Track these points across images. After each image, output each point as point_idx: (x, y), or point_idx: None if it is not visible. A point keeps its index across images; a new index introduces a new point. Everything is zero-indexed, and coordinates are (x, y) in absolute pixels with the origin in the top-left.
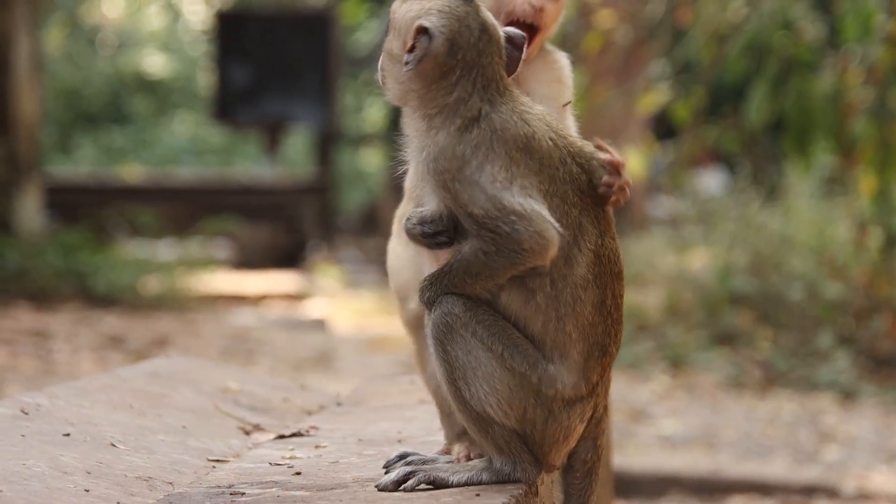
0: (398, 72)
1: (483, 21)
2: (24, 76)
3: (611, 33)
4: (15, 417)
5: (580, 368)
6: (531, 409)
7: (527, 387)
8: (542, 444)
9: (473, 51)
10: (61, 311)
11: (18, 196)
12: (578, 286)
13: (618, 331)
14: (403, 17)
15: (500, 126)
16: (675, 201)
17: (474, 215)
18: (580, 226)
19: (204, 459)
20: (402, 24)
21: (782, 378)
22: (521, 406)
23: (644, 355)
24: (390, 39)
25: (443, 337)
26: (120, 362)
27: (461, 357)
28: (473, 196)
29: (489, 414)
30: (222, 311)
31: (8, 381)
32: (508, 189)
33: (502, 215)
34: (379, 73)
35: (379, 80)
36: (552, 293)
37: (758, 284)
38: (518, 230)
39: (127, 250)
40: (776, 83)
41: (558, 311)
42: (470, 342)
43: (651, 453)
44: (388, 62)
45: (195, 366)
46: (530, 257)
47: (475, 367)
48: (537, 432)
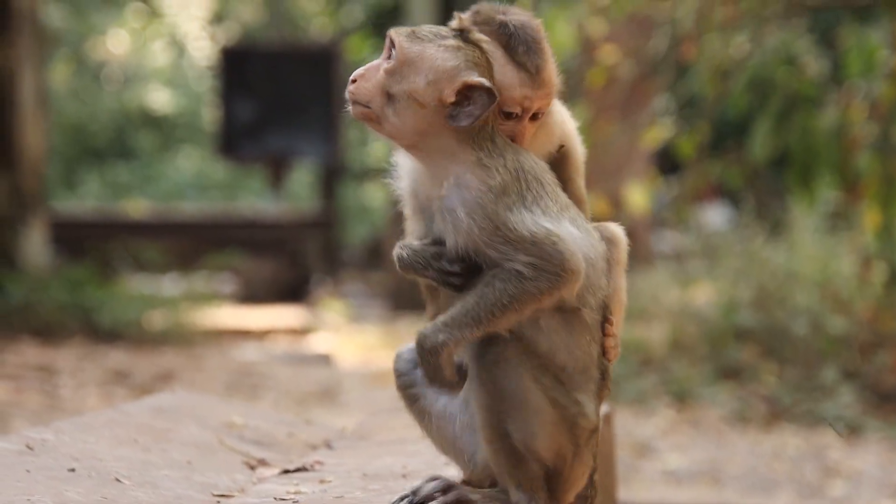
0: (424, 117)
1: (490, 62)
2: (29, 111)
3: (614, 69)
4: (20, 453)
5: (594, 398)
6: (565, 443)
7: (566, 421)
8: (567, 479)
9: (492, 96)
10: (66, 346)
11: (23, 231)
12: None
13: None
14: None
15: (511, 157)
16: (679, 236)
17: (517, 239)
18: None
19: (209, 494)
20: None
21: (787, 413)
22: (559, 441)
23: (648, 390)
24: (408, 81)
25: (493, 367)
26: (125, 397)
27: (510, 388)
28: (518, 219)
29: (532, 448)
30: (227, 346)
31: (13, 416)
32: (547, 214)
33: (547, 235)
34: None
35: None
36: (572, 319)
37: (762, 319)
38: (562, 251)
39: (132, 285)
40: (780, 118)
41: (578, 339)
42: (521, 374)
43: (656, 488)
44: (405, 106)
45: (200, 401)
46: (568, 281)
47: (525, 400)
48: (566, 468)
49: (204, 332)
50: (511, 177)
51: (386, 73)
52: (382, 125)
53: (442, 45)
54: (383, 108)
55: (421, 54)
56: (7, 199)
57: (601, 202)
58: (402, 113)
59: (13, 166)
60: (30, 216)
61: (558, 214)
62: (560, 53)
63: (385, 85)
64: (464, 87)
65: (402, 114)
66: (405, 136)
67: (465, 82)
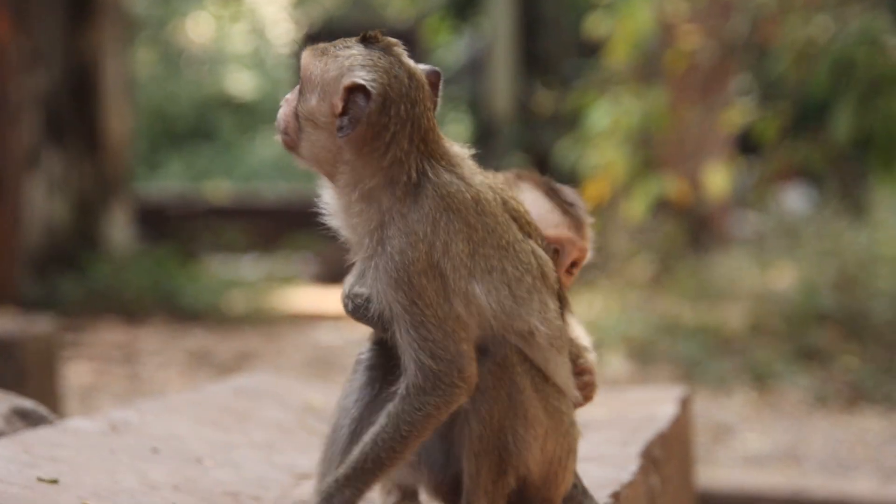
0: (323, 139)
1: (409, 68)
2: (113, 97)
3: (694, 52)
4: (104, 433)
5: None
6: (557, 451)
7: (561, 427)
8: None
9: (406, 102)
10: (148, 328)
11: (107, 214)
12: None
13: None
14: (323, 76)
15: (447, 191)
16: (760, 218)
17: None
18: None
19: (289, 474)
20: (324, 83)
21: (868, 395)
22: (552, 450)
23: (727, 372)
24: (307, 102)
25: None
26: (206, 378)
27: (516, 400)
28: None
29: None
30: (306, 328)
31: (97, 396)
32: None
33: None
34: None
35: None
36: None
37: (843, 301)
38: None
39: (212, 267)
40: (862, 100)
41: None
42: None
43: (735, 471)
44: (307, 128)
45: (280, 382)
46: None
47: (525, 410)
48: (559, 477)
49: (283, 314)
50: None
51: (296, 95)
52: (299, 153)
53: (337, 54)
54: (296, 133)
55: (314, 69)
56: (92, 183)
57: (681, 184)
58: (307, 137)
59: (98, 151)
60: (114, 200)
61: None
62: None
63: (295, 108)
64: (347, 92)
65: (307, 138)
66: (317, 163)
67: (345, 86)
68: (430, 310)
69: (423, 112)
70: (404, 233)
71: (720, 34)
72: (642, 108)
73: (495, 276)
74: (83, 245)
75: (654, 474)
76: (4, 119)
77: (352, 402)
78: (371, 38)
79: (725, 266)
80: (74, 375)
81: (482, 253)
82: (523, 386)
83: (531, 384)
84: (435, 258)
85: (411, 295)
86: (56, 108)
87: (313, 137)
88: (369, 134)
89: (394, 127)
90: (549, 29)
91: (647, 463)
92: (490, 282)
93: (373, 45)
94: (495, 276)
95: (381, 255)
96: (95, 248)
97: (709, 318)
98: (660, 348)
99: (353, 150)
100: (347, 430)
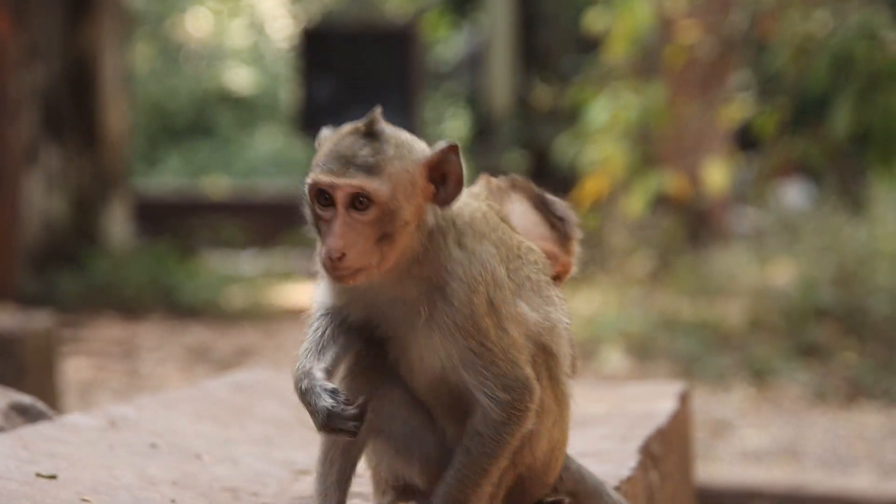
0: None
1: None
2: (111, 92)
3: (693, 48)
4: (103, 429)
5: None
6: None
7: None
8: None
9: None
10: (147, 323)
11: (106, 209)
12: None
13: None
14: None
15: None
16: (759, 213)
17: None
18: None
19: (288, 470)
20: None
21: (868, 391)
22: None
23: (726, 368)
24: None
25: None
26: (204, 374)
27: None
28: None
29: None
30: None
31: (96, 392)
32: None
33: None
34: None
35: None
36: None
37: (842, 297)
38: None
39: (211, 263)
40: (861, 95)
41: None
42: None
43: (734, 467)
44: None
45: (278, 378)
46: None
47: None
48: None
49: (282, 310)
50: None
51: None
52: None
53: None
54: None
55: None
56: (91, 179)
57: (680, 180)
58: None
59: (97, 146)
60: (112, 195)
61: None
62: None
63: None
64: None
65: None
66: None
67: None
68: (496, 346)
69: None
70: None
71: (719, 29)
72: (641, 104)
73: (527, 287)
74: (82, 241)
75: (653, 470)
76: (3, 115)
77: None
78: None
79: (724, 262)
80: (73, 371)
81: (511, 268)
82: (544, 384)
83: (547, 374)
84: (490, 293)
85: (479, 338)
86: (54, 104)
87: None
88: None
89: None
90: (548, 24)
91: (646, 459)
92: (527, 296)
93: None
94: (527, 287)
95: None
96: (94, 244)
97: (708, 314)
98: (659, 344)
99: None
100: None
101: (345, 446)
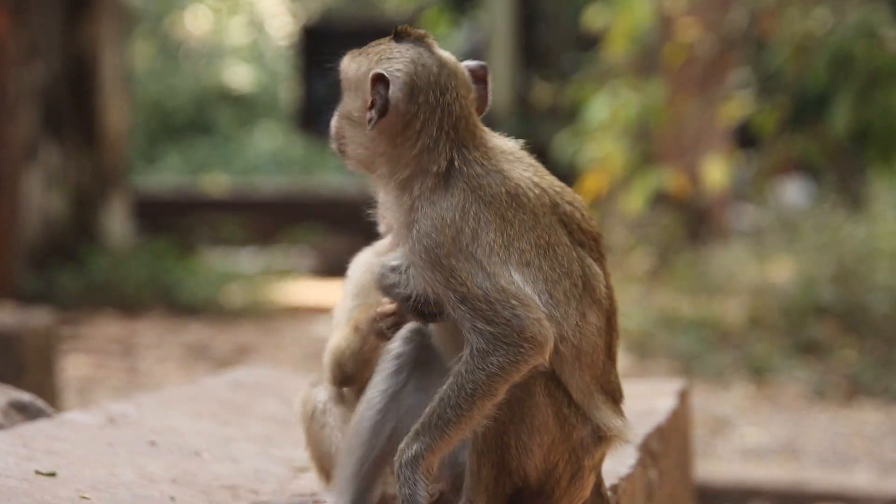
0: (361, 136)
1: (440, 58)
2: (111, 90)
3: (692, 46)
4: (102, 426)
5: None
6: (562, 465)
7: (569, 441)
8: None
9: (435, 90)
10: (146, 321)
11: (105, 207)
12: (594, 333)
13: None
14: (356, 74)
15: (477, 184)
16: (758, 211)
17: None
18: (588, 270)
19: (287, 468)
20: (356, 81)
21: (867, 389)
22: (554, 461)
23: (726, 366)
24: (346, 103)
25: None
26: (204, 371)
27: (525, 401)
28: (471, 273)
29: (523, 463)
30: (304, 321)
31: (95, 389)
32: (507, 264)
33: (502, 298)
34: (335, 142)
35: (336, 150)
36: (575, 342)
37: (841, 295)
38: (519, 315)
39: (211, 260)
40: (861, 94)
41: (580, 361)
42: (535, 384)
43: (734, 464)
44: (348, 128)
45: (278, 376)
46: (531, 350)
47: (532, 415)
48: (557, 490)
49: (281, 308)
50: (465, 212)
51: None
52: (345, 156)
53: (368, 52)
54: (342, 136)
55: (349, 70)
56: (90, 177)
57: (679, 178)
58: (349, 137)
59: (96, 144)
60: (112, 193)
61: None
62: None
63: (340, 112)
64: (372, 84)
65: (349, 138)
66: (359, 161)
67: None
68: (466, 286)
69: (455, 100)
70: (431, 217)
71: (719, 27)
72: (641, 102)
73: (532, 270)
74: (81, 238)
75: (652, 467)
76: (2, 112)
77: (377, 393)
78: (402, 33)
79: (724, 259)
80: (72, 369)
81: (517, 247)
82: (534, 391)
83: (543, 389)
84: (463, 243)
85: (444, 274)
86: (54, 102)
87: (352, 135)
88: (399, 123)
89: (423, 115)
90: (548, 22)
91: (646, 456)
92: (528, 274)
93: (403, 39)
94: (532, 270)
95: (410, 240)
96: (93, 242)
97: (707, 312)
98: (658, 342)
99: (386, 141)
100: (370, 423)
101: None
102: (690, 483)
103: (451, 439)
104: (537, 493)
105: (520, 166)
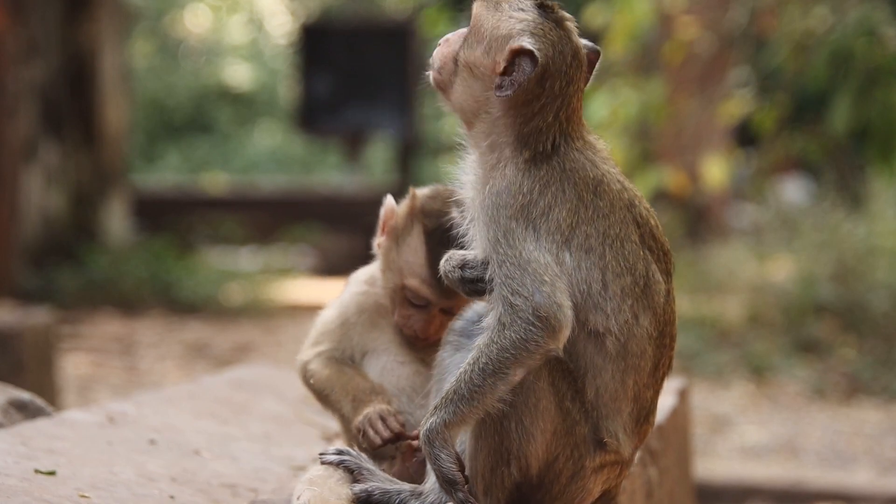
0: (477, 90)
1: (575, 47)
2: (110, 88)
3: (692, 44)
4: (102, 425)
5: (630, 430)
6: (563, 458)
7: (571, 435)
8: (555, 497)
9: (563, 79)
10: (146, 319)
11: (105, 206)
12: (644, 338)
13: (657, 403)
14: (493, 31)
15: (570, 166)
16: (758, 209)
17: (509, 264)
18: (652, 275)
19: (287, 467)
20: (493, 38)
21: (866, 387)
22: (556, 453)
23: (725, 364)
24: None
25: None
26: (203, 370)
27: (528, 384)
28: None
29: (524, 450)
30: (304, 320)
31: (95, 388)
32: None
33: (538, 273)
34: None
35: (433, 81)
36: (621, 340)
37: (841, 293)
38: (544, 292)
39: (210, 259)
40: (860, 92)
41: (626, 362)
42: (540, 371)
43: (733, 463)
44: (464, 74)
45: (277, 374)
46: (542, 332)
47: (536, 400)
48: (557, 485)
49: (281, 306)
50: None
51: (461, 39)
52: (448, 95)
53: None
54: (451, 76)
55: (485, 21)
56: (89, 175)
57: (679, 176)
58: (463, 84)
59: (95, 142)
60: (111, 191)
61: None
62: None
63: (456, 52)
64: (512, 55)
65: (461, 84)
66: (461, 109)
67: (512, 48)
68: (514, 250)
69: (576, 92)
70: (508, 179)
71: (718, 26)
72: (640, 100)
73: (592, 257)
74: (80, 237)
75: (651, 466)
76: (2, 111)
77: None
78: (547, 7)
79: (723, 258)
80: (72, 367)
81: (584, 231)
82: (540, 374)
83: (548, 377)
84: (532, 214)
85: (497, 233)
86: (53, 100)
87: (467, 84)
88: (521, 99)
89: (545, 99)
90: None
91: (645, 454)
92: (585, 259)
93: (547, 14)
94: (592, 257)
95: (481, 194)
96: (93, 240)
97: (707, 310)
98: None
99: (502, 109)
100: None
101: None
102: (690, 482)
103: (464, 415)
104: (537, 485)
105: (609, 163)
